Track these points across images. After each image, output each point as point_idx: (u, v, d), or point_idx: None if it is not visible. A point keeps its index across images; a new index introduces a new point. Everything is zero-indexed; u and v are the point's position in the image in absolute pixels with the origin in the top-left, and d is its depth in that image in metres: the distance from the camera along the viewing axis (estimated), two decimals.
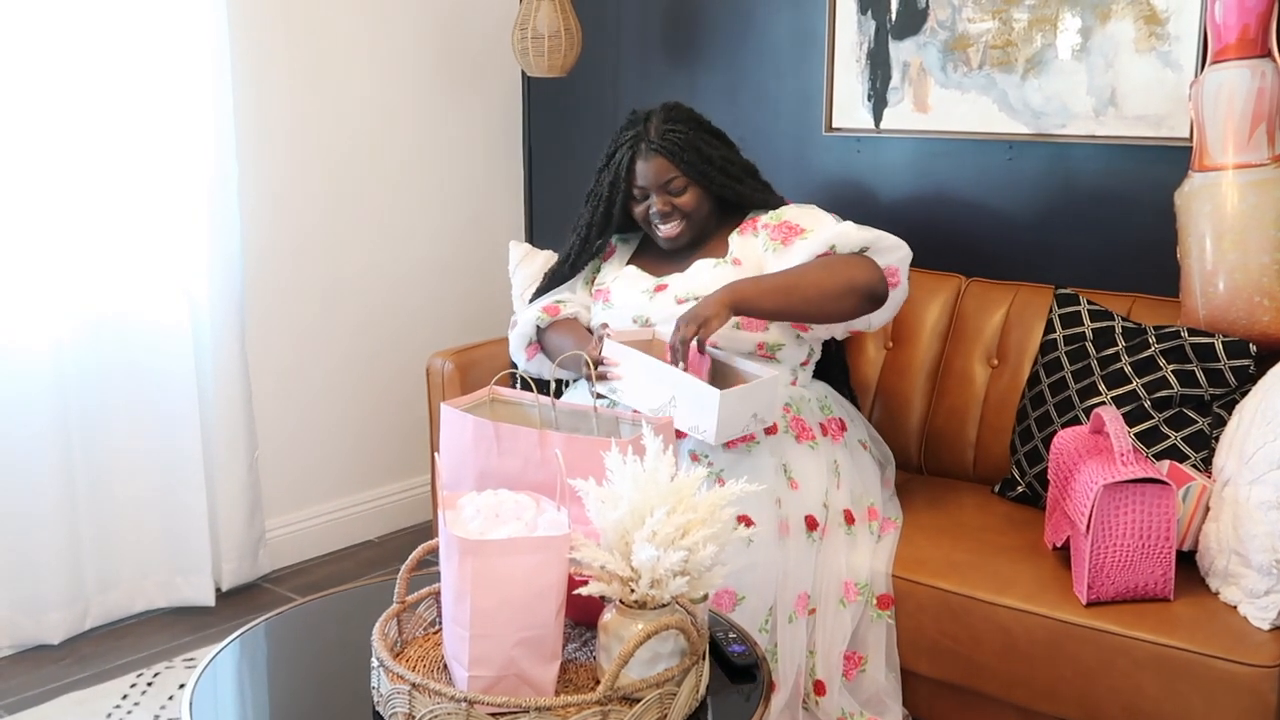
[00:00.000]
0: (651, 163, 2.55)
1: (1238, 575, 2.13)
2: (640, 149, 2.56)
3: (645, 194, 2.58)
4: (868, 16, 3.07)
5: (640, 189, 2.58)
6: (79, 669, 2.86)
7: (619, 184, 2.59)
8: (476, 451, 1.95)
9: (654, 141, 2.54)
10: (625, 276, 2.64)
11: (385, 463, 3.69)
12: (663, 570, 1.58)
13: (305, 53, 3.34)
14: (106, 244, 2.94)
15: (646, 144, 2.55)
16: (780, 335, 2.53)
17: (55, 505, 2.90)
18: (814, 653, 2.33)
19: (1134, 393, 2.44)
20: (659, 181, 2.55)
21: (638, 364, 2.29)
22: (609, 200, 2.61)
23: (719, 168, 2.58)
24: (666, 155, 2.54)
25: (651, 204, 2.57)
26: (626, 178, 2.58)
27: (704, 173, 2.56)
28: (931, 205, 3.06)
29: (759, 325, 2.50)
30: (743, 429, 2.28)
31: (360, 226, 3.53)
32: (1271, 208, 2.40)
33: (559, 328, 2.65)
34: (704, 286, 2.48)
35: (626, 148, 2.57)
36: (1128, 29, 2.72)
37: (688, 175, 2.55)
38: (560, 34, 3.35)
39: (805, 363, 2.62)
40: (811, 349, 2.63)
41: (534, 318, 2.68)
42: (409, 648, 1.80)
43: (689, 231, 2.59)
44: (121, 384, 3.01)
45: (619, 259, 2.74)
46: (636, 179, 2.57)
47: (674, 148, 2.54)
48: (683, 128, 2.57)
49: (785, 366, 2.56)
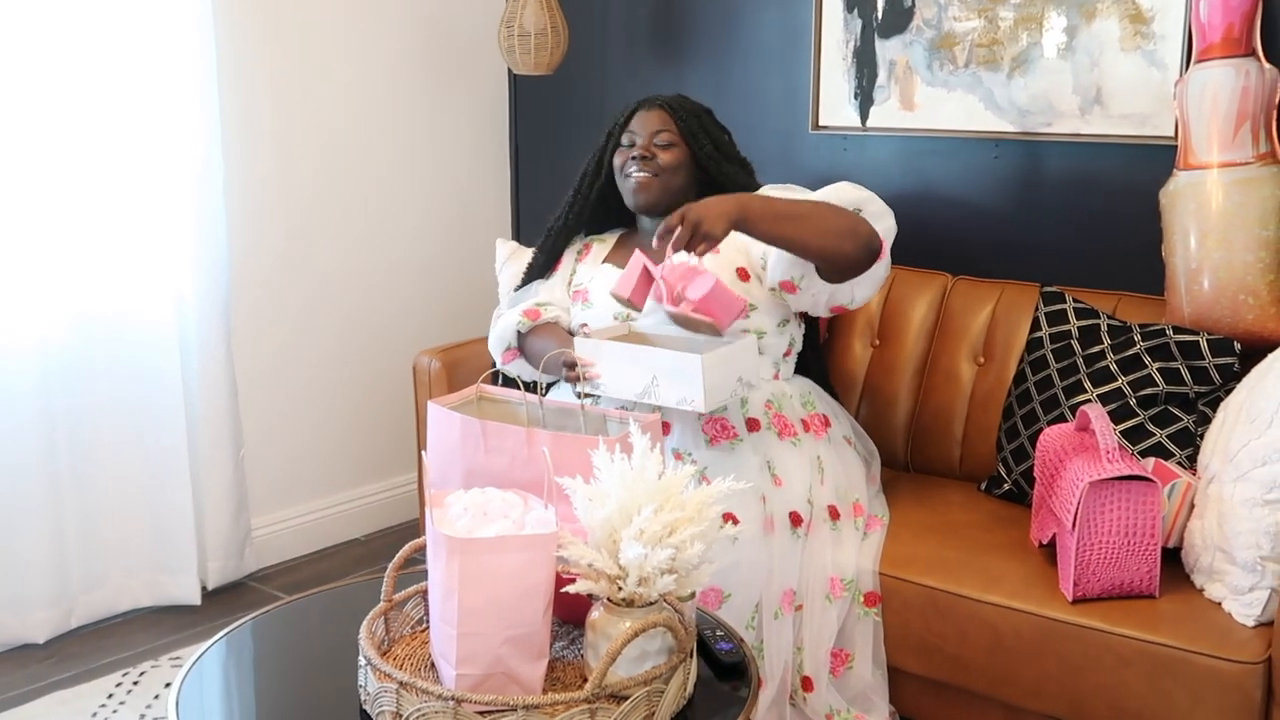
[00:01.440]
0: (652, 113, 2.61)
1: (1223, 572, 2.14)
2: (645, 103, 2.64)
3: (633, 140, 2.61)
4: (854, 15, 3.07)
5: (630, 134, 2.61)
6: (64, 668, 2.85)
7: (615, 132, 2.64)
8: (463, 449, 1.94)
9: (660, 99, 2.63)
10: (602, 275, 2.63)
11: (372, 461, 3.68)
12: (650, 568, 1.58)
13: (291, 51, 3.33)
14: (92, 242, 2.93)
15: (654, 101, 2.63)
16: (764, 322, 2.52)
17: (40, 504, 2.89)
18: (801, 649, 2.33)
19: (1119, 390, 2.45)
20: (650, 130, 2.59)
21: (612, 353, 2.28)
22: (602, 148, 2.68)
23: (713, 139, 2.62)
24: (668, 110, 2.61)
25: (635, 151, 2.59)
26: (623, 125, 2.63)
27: (696, 137, 2.60)
28: (918, 203, 3.06)
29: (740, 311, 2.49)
30: (730, 394, 2.26)
31: (346, 225, 3.53)
32: (1256, 206, 2.41)
33: (540, 333, 2.62)
34: None
35: (634, 105, 2.66)
36: (1113, 28, 2.72)
37: (680, 132, 2.59)
38: (547, 32, 3.35)
39: (788, 353, 2.61)
40: (793, 339, 2.62)
41: (514, 322, 2.65)
42: (396, 646, 1.79)
43: (658, 188, 2.57)
44: (107, 382, 3.00)
45: (595, 258, 2.73)
46: (631, 126, 2.62)
47: (677, 106, 2.62)
48: (694, 104, 2.66)
49: (768, 359, 2.55)
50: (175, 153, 3.01)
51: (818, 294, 2.47)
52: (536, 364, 2.54)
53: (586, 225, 2.77)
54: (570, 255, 2.77)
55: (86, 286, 2.94)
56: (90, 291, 2.95)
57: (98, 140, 2.90)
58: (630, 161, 2.59)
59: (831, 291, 2.46)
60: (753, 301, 2.51)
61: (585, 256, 2.75)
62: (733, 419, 2.42)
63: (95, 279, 2.95)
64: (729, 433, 2.40)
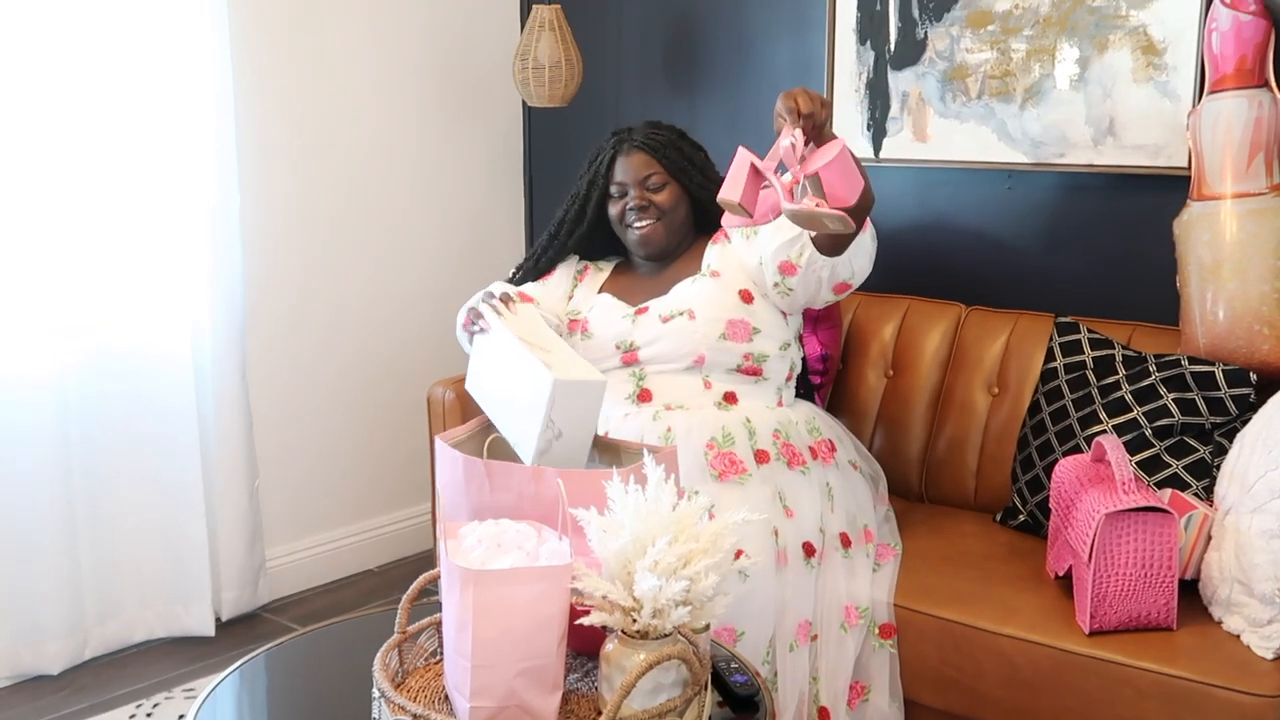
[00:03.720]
0: (632, 158, 2.58)
1: (1240, 604, 2.13)
2: (623, 148, 2.60)
3: (624, 190, 2.59)
4: (867, 47, 3.09)
5: (619, 184, 2.59)
6: (78, 699, 2.85)
7: (597, 181, 2.61)
8: (469, 488, 1.93)
9: (636, 140, 2.59)
10: (601, 306, 2.62)
11: (386, 491, 3.69)
12: (665, 600, 1.58)
13: (306, 83, 3.36)
14: (109, 274, 2.95)
15: (630, 143, 2.59)
16: (766, 346, 2.52)
17: (55, 534, 2.90)
18: (817, 679, 2.32)
19: (1135, 421, 2.44)
20: (638, 177, 2.57)
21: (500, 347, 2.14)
22: (585, 197, 2.64)
23: (699, 168, 2.61)
24: (648, 151, 2.58)
25: (629, 200, 2.58)
26: (606, 175, 2.60)
27: (684, 169, 2.58)
28: (931, 234, 3.07)
29: (744, 336, 2.49)
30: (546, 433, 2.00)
31: (361, 256, 3.54)
32: (1270, 236, 2.41)
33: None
34: (686, 302, 2.50)
35: (609, 148, 2.62)
36: (1125, 59, 2.73)
37: (668, 171, 2.58)
38: (561, 64, 3.37)
39: (789, 377, 2.61)
40: (794, 363, 2.62)
41: (501, 286, 2.51)
42: (410, 678, 1.79)
43: (664, 233, 2.58)
44: (123, 413, 3.01)
45: (590, 284, 2.70)
46: (616, 175, 2.59)
47: (656, 145, 2.58)
48: (666, 132, 2.63)
49: (771, 385, 2.55)
50: (192, 186, 3.03)
51: (820, 269, 2.39)
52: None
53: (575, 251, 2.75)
54: (568, 270, 2.73)
55: (103, 319, 2.96)
56: (107, 324, 2.96)
57: (115, 173, 2.93)
58: (629, 212, 2.59)
59: (833, 266, 2.37)
60: (756, 325, 2.51)
61: (583, 279, 2.73)
62: (740, 454, 2.40)
63: (112, 311, 2.97)
64: (738, 468, 2.38)
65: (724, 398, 2.49)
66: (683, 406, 2.46)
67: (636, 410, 2.48)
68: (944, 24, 2.96)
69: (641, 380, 2.51)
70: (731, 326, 2.49)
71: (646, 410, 2.47)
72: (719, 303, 2.51)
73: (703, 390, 2.49)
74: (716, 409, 2.48)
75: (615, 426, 2.46)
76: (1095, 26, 2.76)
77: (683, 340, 2.48)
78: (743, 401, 2.50)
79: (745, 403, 2.50)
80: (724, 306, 2.51)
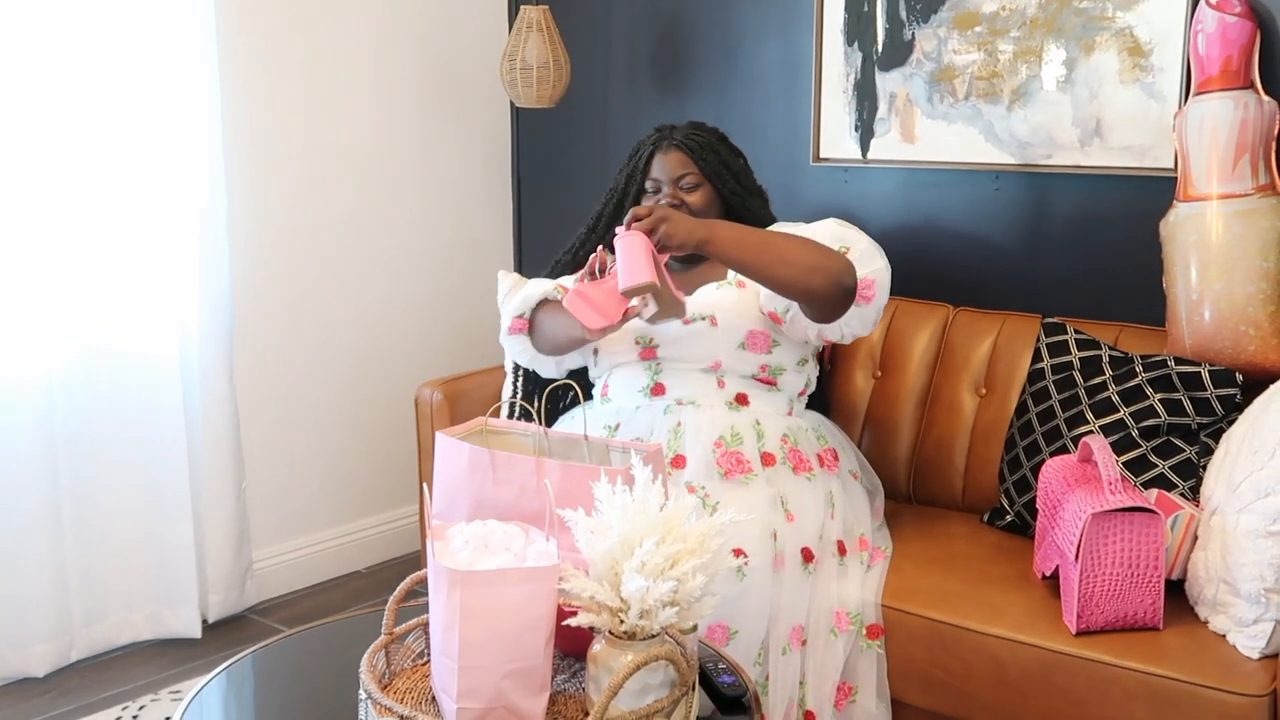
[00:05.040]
0: (670, 156, 2.60)
1: (1226, 604, 2.13)
2: (662, 145, 2.62)
3: (658, 187, 2.61)
4: (854, 48, 3.09)
5: (654, 181, 2.61)
6: (64, 702, 2.84)
7: (635, 176, 2.64)
8: (471, 480, 1.94)
9: (676, 139, 2.62)
10: None
11: (374, 493, 3.68)
12: (652, 601, 1.57)
13: (295, 85, 3.35)
14: (97, 276, 2.94)
15: (669, 141, 2.62)
16: (783, 360, 2.54)
17: (41, 537, 2.89)
18: (805, 683, 2.32)
19: (1121, 421, 2.45)
20: (674, 175, 2.59)
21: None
22: (623, 192, 2.66)
23: (734, 174, 2.63)
24: (686, 151, 2.60)
25: (662, 198, 2.60)
26: (644, 170, 2.63)
27: (719, 174, 2.60)
28: (919, 235, 3.07)
29: (763, 347, 2.50)
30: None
31: (350, 257, 3.54)
32: (1256, 237, 2.42)
33: (558, 307, 2.55)
34: (710, 307, 2.50)
35: (649, 144, 2.64)
36: (1112, 61, 2.74)
37: (703, 173, 2.60)
38: (549, 65, 3.37)
39: (802, 393, 2.63)
40: (809, 380, 2.63)
41: (547, 288, 2.61)
42: (397, 679, 1.78)
43: None
44: (110, 415, 3.00)
45: None
46: (652, 171, 2.62)
47: (695, 145, 2.60)
48: (707, 135, 2.65)
49: (784, 396, 2.56)
50: (179, 186, 3.02)
51: (807, 328, 2.48)
52: (546, 333, 2.57)
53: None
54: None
55: (91, 320, 2.95)
56: (94, 325, 2.96)
57: (103, 175, 2.92)
58: None
59: (819, 329, 2.47)
60: (776, 337, 2.53)
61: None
62: (748, 454, 2.41)
63: (100, 312, 2.96)
64: (744, 467, 2.39)
65: (736, 398, 2.51)
66: (694, 403, 2.48)
67: (649, 404, 2.51)
68: (931, 25, 2.96)
69: (657, 374, 2.53)
70: (751, 337, 2.51)
71: (659, 404, 2.50)
72: (742, 312, 2.52)
73: (716, 389, 2.50)
74: (727, 408, 2.49)
75: (627, 419, 2.49)
76: (1082, 28, 2.76)
77: (702, 344, 2.49)
78: (754, 404, 2.51)
79: (756, 405, 2.51)
80: (746, 316, 2.52)
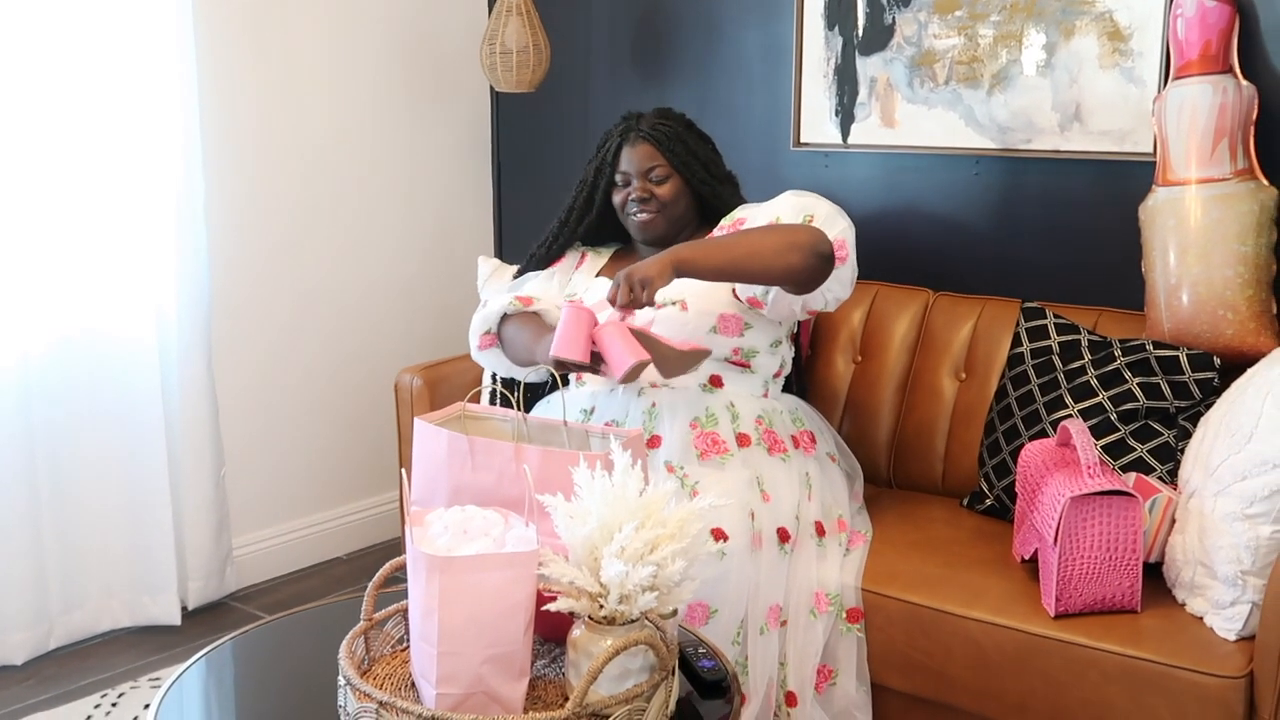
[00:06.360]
0: (638, 148, 2.61)
1: (1204, 587, 2.14)
2: (629, 136, 2.63)
3: (627, 180, 2.62)
4: (835, 32, 3.09)
5: (623, 174, 2.62)
6: (42, 690, 2.83)
7: (604, 169, 2.64)
8: (450, 466, 1.93)
9: (643, 130, 2.62)
10: (597, 287, 2.64)
11: (354, 479, 3.67)
12: (631, 585, 1.58)
13: (272, 68, 3.33)
14: (73, 259, 2.92)
15: (636, 132, 2.62)
16: (756, 342, 2.53)
17: (19, 523, 2.87)
18: (785, 664, 2.33)
19: (1100, 405, 2.46)
20: (642, 168, 2.60)
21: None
22: (592, 185, 2.67)
23: (703, 163, 2.64)
24: (654, 143, 2.60)
25: (632, 190, 2.60)
26: (612, 163, 2.63)
27: (687, 164, 2.61)
28: (899, 219, 3.07)
29: (735, 330, 2.50)
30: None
31: (328, 242, 3.52)
32: (1234, 221, 2.42)
33: (522, 320, 2.57)
34: (680, 292, 2.50)
35: (616, 136, 2.65)
36: (1091, 45, 2.74)
37: (671, 164, 2.60)
38: (529, 49, 3.35)
39: (778, 374, 2.63)
40: (784, 361, 2.63)
41: (505, 304, 2.60)
42: (376, 665, 1.78)
43: (663, 223, 2.61)
44: (87, 400, 2.98)
45: (589, 268, 2.74)
46: (621, 164, 2.62)
47: (662, 137, 2.60)
48: (674, 124, 2.65)
49: (758, 378, 2.56)
50: (156, 169, 3.00)
51: (791, 303, 2.48)
52: (509, 349, 2.57)
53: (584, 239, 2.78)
54: (571, 258, 2.79)
55: (67, 303, 2.93)
56: (71, 308, 2.94)
57: (78, 157, 2.89)
58: (631, 202, 2.62)
59: (804, 300, 2.47)
60: (748, 320, 2.53)
61: (581, 264, 2.77)
62: (723, 434, 2.42)
63: (76, 296, 2.94)
64: (719, 448, 2.40)
65: (710, 380, 2.52)
66: (669, 385, 2.48)
67: (623, 387, 2.50)
68: (911, 9, 2.96)
69: None
70: (723, 320, 2.51)
71: (632, 387, 2.49)
72: (712, 296, 2.52)
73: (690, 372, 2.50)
74: (702, 390, 2.50)
75: (601, 402, 2.50)
76: (1062, 12, 2.76)
77: (673, 329, 2.49)
78: (728, 386, 2.52)
79: (731, 388, 2.52)
80: (717, 300, 2.52)
